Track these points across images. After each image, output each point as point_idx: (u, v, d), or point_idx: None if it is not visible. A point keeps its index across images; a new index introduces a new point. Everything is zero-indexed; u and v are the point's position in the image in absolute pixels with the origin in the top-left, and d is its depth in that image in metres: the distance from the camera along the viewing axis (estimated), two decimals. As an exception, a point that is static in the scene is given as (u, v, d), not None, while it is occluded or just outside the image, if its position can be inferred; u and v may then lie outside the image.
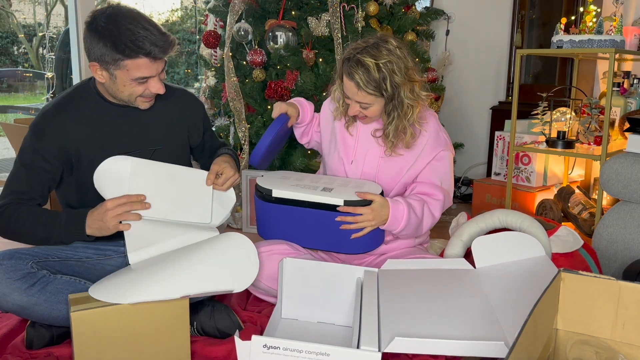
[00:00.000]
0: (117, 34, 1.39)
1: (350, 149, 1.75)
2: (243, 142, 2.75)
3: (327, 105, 1.83)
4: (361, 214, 1.56)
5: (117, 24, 1.40)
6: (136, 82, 1.46)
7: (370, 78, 1.54)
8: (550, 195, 2.80)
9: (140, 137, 1.59)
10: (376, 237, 1.66)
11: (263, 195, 1.65)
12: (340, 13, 2.66)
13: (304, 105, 1.84)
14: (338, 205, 1.57)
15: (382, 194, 1.64)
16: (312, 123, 1.87)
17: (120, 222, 1.45)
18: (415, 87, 1.60)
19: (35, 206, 1.50)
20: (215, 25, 3.03)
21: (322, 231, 1.62)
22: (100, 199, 1.53)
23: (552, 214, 2.60)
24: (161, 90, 1.51)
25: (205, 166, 1.81)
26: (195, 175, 1.61)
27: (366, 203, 1.57)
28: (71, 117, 1.53)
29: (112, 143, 1.56)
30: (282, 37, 2.70)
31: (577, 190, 2.73)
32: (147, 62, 1.43)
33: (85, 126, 1.53)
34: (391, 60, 1.54)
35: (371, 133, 1.72)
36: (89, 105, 1.55)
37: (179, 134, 1.68)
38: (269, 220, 1.67)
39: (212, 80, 3.16)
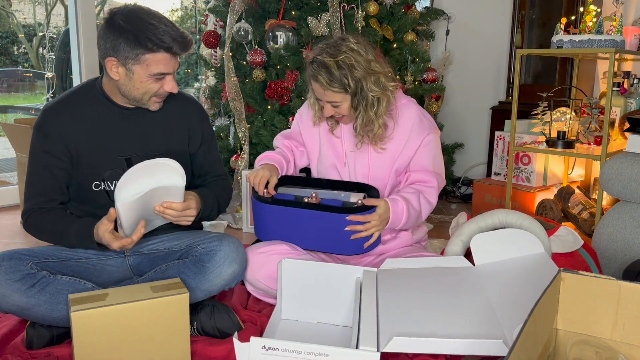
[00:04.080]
0: (140, 28, 1.41)
1: (340, 151, 1.75)
2: (243, 142, 2.75)
3: (306, 113, 1.82)
4: (369, 222, 1.58)
5: (139, 19, 1.42)
6: (153, 78, 1.47)
7: (333, 76, 1.57)
8: (550, 195, 2.80)
9: (140, 141, 1.58)
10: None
11: (262, 197, 1.65)
12: (340, 13, 2.66)
13: (281, 162, 1.77)
14: (338, 207, 1.58)
15: (377, 193, 1.67)
16: (295, 164, 1.84)
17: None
18: (380, 79, 1.62)
19: (54, 212, 1.53)
20: (215, 25, 3.03)
21: (320, 232, 1.62)
22: (94, 201, 1.55)
23: (552, 214, 2.60)
24: (175, 90, 1.52)
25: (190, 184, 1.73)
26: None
27: (366, 207, 1.59)
28: (71, 116, 1.53)
29: (111, 145, 1.55)
30: (282, 37, 2.70)
31: (577, 190, 2.73)
32: (167, 58, 1.45)
33: (84, 125, 1.53)
34: (349, 56, 1.57)
35: (353, 133, 1.73)
36: (91, 105, 1.55)
37: (179, 140, 1.65)
38: (267, 221, 1.67)
39: (212, 80, 3.16)
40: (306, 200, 1.62)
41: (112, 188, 1.56)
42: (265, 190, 1.68)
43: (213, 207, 1.63)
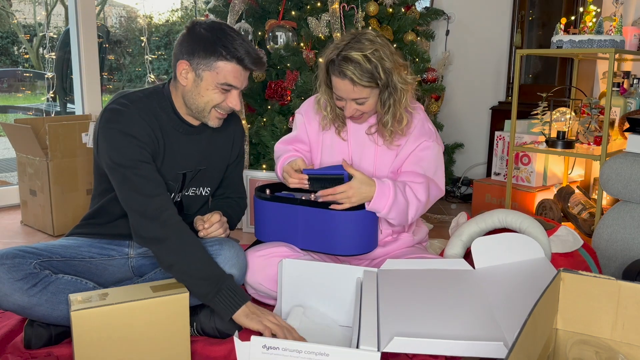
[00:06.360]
0: (219, 37, 1.44)
1: (346, 152, 1.75)
2: (243, 142, 2.75)
3: (313, 116, 1.78)
4: (343, 191, 1.55)
5: (220, 30, 1.46)
6: (220, 88, 1.47)
7: (363, 70, 1.54)
8: (550, 195, 2.80)
9: (193, 158, 1.60)
10: (369, 239, 1.64)
11: (262, 195, 1.66)
12: (340, 13, 2.66)
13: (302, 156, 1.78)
14: (329, 203, 1.58)
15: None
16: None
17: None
18: (402, 71, 1.61)
19: (194, 237, 1.46)
20: (215, 25, 3.03)
21: (313, 230, 1.62)
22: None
23: (552, 214, 2.60)
24: (238, 107, 1.52)
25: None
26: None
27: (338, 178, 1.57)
28: (149, 124, 1.49)
29: (174, 159, 1.56)
30: (282, 37, 2.70)
31: (577, 190, 2.73)
32: (238, 70, 1.46)
33: (155, 135, 1.51)
34: (377, 49, 1.55)
35: (365, 131, 1.72)
36: (161, 116, 1.53)
37: (224, 156, 1.69)
38: (266, 220, 1.68)
39: (212, 80, 3.16)
40: (304, 198, 1.63)
41: None
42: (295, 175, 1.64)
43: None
